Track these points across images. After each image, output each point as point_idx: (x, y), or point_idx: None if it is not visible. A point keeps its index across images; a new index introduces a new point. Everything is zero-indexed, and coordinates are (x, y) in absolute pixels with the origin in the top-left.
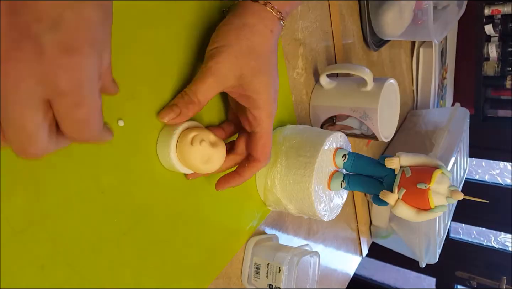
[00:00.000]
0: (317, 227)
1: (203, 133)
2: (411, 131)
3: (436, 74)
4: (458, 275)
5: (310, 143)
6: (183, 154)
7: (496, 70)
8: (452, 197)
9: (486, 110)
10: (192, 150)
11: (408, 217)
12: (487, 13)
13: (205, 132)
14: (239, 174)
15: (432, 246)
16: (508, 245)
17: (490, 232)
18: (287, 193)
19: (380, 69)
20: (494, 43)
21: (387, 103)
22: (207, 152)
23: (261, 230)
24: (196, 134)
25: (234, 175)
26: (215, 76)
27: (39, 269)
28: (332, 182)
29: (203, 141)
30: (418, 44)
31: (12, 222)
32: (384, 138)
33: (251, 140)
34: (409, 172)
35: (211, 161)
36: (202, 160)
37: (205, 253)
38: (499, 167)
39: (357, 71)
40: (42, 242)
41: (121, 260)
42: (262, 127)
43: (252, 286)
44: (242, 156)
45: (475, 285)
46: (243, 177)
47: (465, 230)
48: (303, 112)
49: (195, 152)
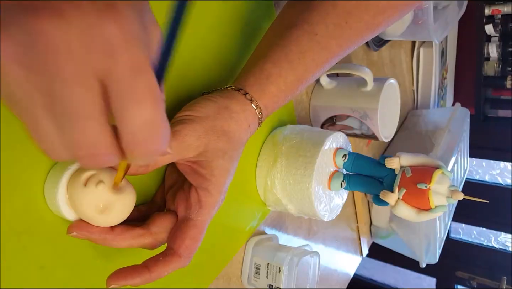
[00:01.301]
0: (317, 227)
1: (103, 173)
2: (411, 131)
3: (436, 74)
4: (458, 275)
5: (310, 143)
6: (73, 197)
7: (496, 70)
8: (453, 197)
9: (487, 110)
10: (84, 192)
11: (408, 217)
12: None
13: (107, 172)
14: (148, 269)
15: (432, 246)
16: (508, 245)
17: (490, 232)
18: (287, 193)
19: (380, 69)
20: (495, 43)
21: (387, 103)
22: (104, 198)
23: (261, 230)
24: (94, 173)
25: (140, 269)
26: (178, 142)
27: (39, 269)
28: (332, 182)
29: (101, 183)
30: (418, 44)
31: (12, 222)
32: (384, 139)
33: (180, 227)
34: (409, 172)
35: (109, 210)
36: (97, 207)
37: (205, 253)
38: (499, 167)
39: (357, 71)
40: (42, 242)
41: (121, 260)
42: (201, 215)
43: (252, 286)
44: (153, 239)
45: (475, 285)
46: (152, 274)
47: (465, 230)
48: (303, 112)
49: (88, 196)
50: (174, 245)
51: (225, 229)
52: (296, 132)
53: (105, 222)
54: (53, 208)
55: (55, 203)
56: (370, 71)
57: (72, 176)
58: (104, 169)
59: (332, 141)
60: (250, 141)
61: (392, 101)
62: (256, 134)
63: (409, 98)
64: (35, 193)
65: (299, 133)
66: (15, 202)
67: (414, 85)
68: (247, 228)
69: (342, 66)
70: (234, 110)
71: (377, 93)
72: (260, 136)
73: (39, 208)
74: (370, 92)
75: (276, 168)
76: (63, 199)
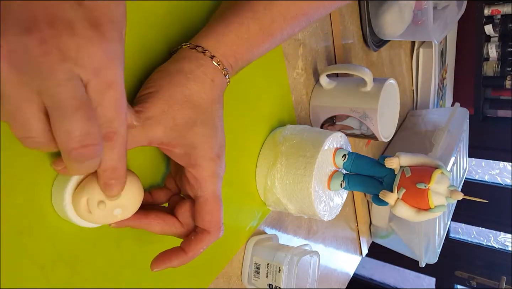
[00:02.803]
0: (317, 227)
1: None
2: (411, 131)
3: (436, 74)
4: (458, 275)
5: (310, 143)
6: (88, 221)
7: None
8: (452, 197)
9: (486, 110)
10: (95, 217)
11: (407, 217)
12: (487, 13)
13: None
14: (184, 250)
15: (432, 245)
16: (508, 245)
17: (490, 232)
18: (287, 192)
19: (380, 69)
20: (494, 43)
21: (387, 104)
22: (111, 209)
23: (261, 230)
24: (88, 198)
25: (177, 251)
26: (143, 121)
27: (39, 269)
28: (332, 182)
29: (101, 203)
30: (418, 44)
31: (12, 222)
32: (384, 139)
33: (196, 207)
34: (409, 171)
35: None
36: (109, 219)
37: (205, 253)
38: (498, 167)
39: (357, 72)
40: (42, 242)
41: (121, 260)
42: (205, 189)
43: (252, 286)
44: (186, 228)
45: (475, 285)
46: (188, 254)
47: (465, 230)
48: (303, 113)
49: (99, 217)
50: (198, 223)
51: (225, 228)
52: (296, 132)
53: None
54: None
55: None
56: (369, 71)
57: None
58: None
59: (332, 141)
60: (250, 141)
61: (392, 102)
62: (256, 134)
63: (408, 98)
64: (35, 193)
65: (299, 133)
66: (15, 201)
67: (414, 86)
68: (247, 227)
69: (342, 66)
70: (188, 70)
71: (376, 93)
72: (260, 136)
73: (39, 208)
74: (370, 93)
75: (276, 168)
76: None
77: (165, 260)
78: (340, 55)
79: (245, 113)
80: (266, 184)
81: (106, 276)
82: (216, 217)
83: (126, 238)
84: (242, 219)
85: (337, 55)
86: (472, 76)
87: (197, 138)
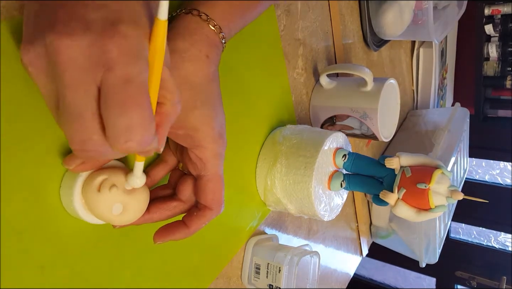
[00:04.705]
0: (317, 227)
1: (115, 176)
2: (411, 131)
3: (436, 74)
4: (458, 275)
5: (310, 143)
6: (89, 203)
7: (496, 70)
8: (452, 197)
9: (486, 110)
10: (99, 198)
11: (408, 217)
12: (487, 13)
13: (118, 175)
14: (186, 224)
15: (432, 246)
16: (508, 245)
17: (490, 232)
18: (287, 193)
19: (380, 69)
20: (494, 43)
21: (387, 103)
22: (119, 200)
23: (261, 230)
24: (106, 178)
25: (179, 225)
26: None
27: (39, 269)
28: (332, 182)
29: (114, 187)
30: (418, 44)
31: (12, 222)
32: (384, 139)
33: (199, 185)
34: (409, 171)
35: (125, 210)
36: (113, 210)
37: (205, 253)
38: (499, 167)
39: (357, 71)
40: (42, 242)
41: (121, 260)
42: (209, 169)
43: (252, 286)
44: (188, 204)
45: (475, 285)
46: (190, 229)
47: (465, 230)
48: (303, 112)
49: (103, 200)
50: (201, 201)
51: (225, 228)
52: (296, 132)
53: (123, 221)
54: (72, 213)
55: (73, 209)
56: (370, 71)
57: (86, 181)
58: (115, 171)
59: (332, 141)
60: (250, 141)
61: (392, 101)
62: (256, 134)
63: (409, 98)
64: (36, 193)
65: (299, 133)
66: (15, 201)
67: (414, 85)
68: (247, 227)
69: (342, 66)
70: (183, 49)
71: (377, 93)
72: (260, 136)
73: (39, 207)
74: (370, 92)
75: (276, 168)
76: (80, 205)
77: (169, 233)
78: (340, 55)
79: (245, 113)
80: (266, 184)
81: (106, 276)
82: (218, 195)
83: (126, 238)
84: (242, 219)
85: (337, 55)
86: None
87: (198, 120)
